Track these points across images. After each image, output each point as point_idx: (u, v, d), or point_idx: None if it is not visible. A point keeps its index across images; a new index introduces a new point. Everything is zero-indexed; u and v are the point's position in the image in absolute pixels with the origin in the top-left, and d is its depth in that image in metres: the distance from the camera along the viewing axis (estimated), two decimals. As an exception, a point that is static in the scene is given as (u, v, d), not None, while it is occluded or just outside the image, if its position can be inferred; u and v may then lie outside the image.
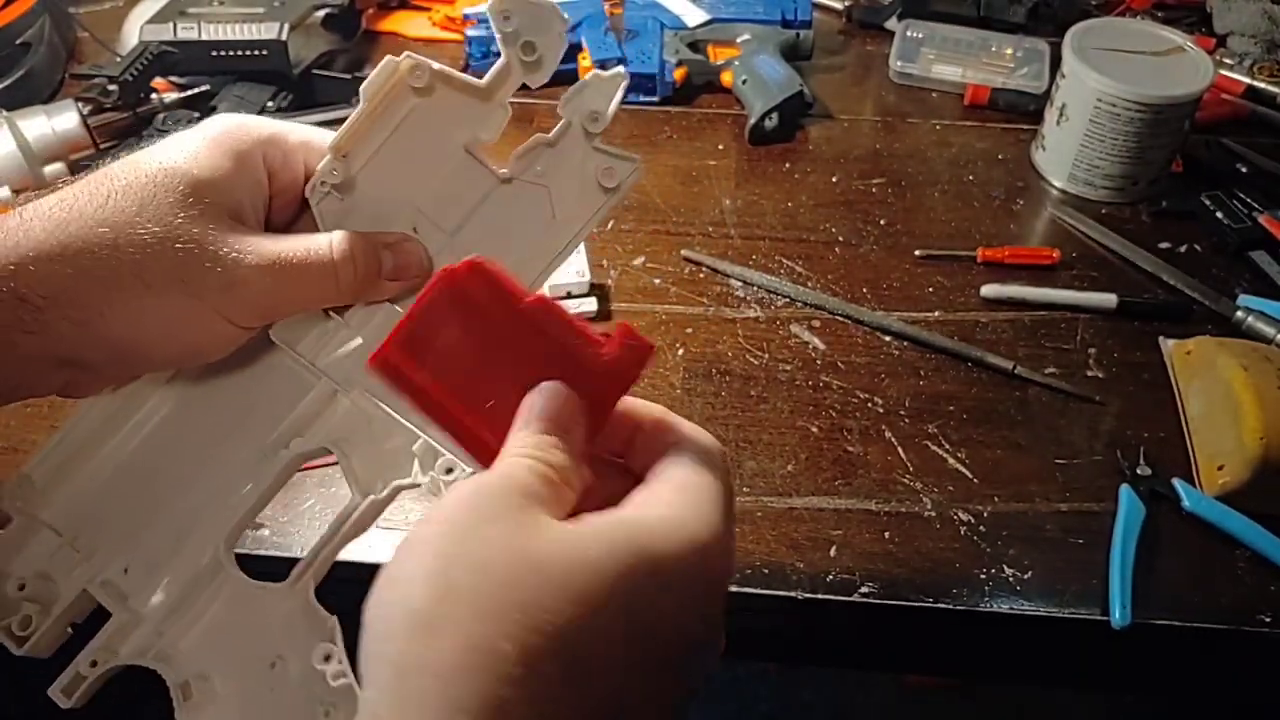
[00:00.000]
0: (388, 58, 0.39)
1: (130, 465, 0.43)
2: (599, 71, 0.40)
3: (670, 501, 0.31)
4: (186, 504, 0.42)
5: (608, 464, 0.35)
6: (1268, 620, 0.61)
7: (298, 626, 0.41)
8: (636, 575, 0.28)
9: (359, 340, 0.41)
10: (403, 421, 0.41)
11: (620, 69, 0.40)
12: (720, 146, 0.95)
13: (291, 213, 0.42)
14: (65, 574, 0.42)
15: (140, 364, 0.40)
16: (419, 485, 0.40)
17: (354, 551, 0.63)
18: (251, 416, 0.42)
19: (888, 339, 0.77)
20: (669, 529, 0.30)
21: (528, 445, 0.31)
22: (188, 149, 0.38)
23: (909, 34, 1.05)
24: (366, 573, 0.29)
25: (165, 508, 0.42)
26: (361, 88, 0.39)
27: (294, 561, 0.63)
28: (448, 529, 0.28)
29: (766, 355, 0.76)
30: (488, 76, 0.40)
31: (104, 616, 0.42)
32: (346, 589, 0.66)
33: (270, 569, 0.63)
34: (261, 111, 0.93)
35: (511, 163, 0.41)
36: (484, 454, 0.32)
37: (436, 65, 0.39)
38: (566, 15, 0.39)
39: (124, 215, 0.36)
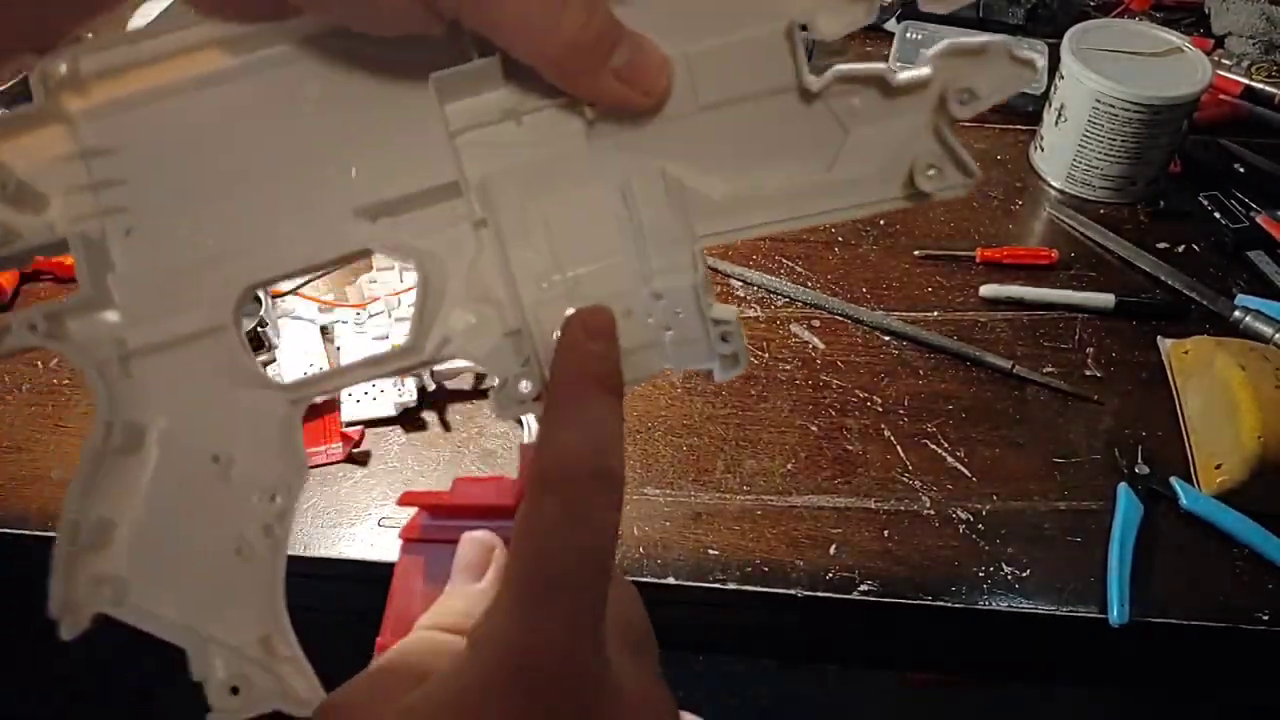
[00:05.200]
0: None
1: (200, 121, 0.31)
2: (1010, 44, 0.31)
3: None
4: (234, 216, 0.32)
5: None
6: (1265, 619, 0.61)
7: (267, 438, 0.31)
8: None
9: (525, 154, 0.31)
10: (519, 296, 0.31)
11: (1038, 58, 0.30)
12: (720, 146, 0.95)
13: None
14: (60, 192, 0.31)
15: None
16: (490, 387, 0.31)
17: (354, 549, 0.63)
18: (359, 158, 0.31)
19: (887, 338, 0.77)
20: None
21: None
22: None
23: (909, 35, 1.05)
24: (363, 570, 0.29)
25: (209, 207, 0.32)
26: None
27: (296, 560, 0.64)
28: None
29: (766, 355, 0.76)
30: None
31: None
32: (343, 586, 0.67)
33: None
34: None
35: (827, 77, 0.30)
36: None
37: None
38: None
39: None
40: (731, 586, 0.62)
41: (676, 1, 0.30)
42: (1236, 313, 0.78)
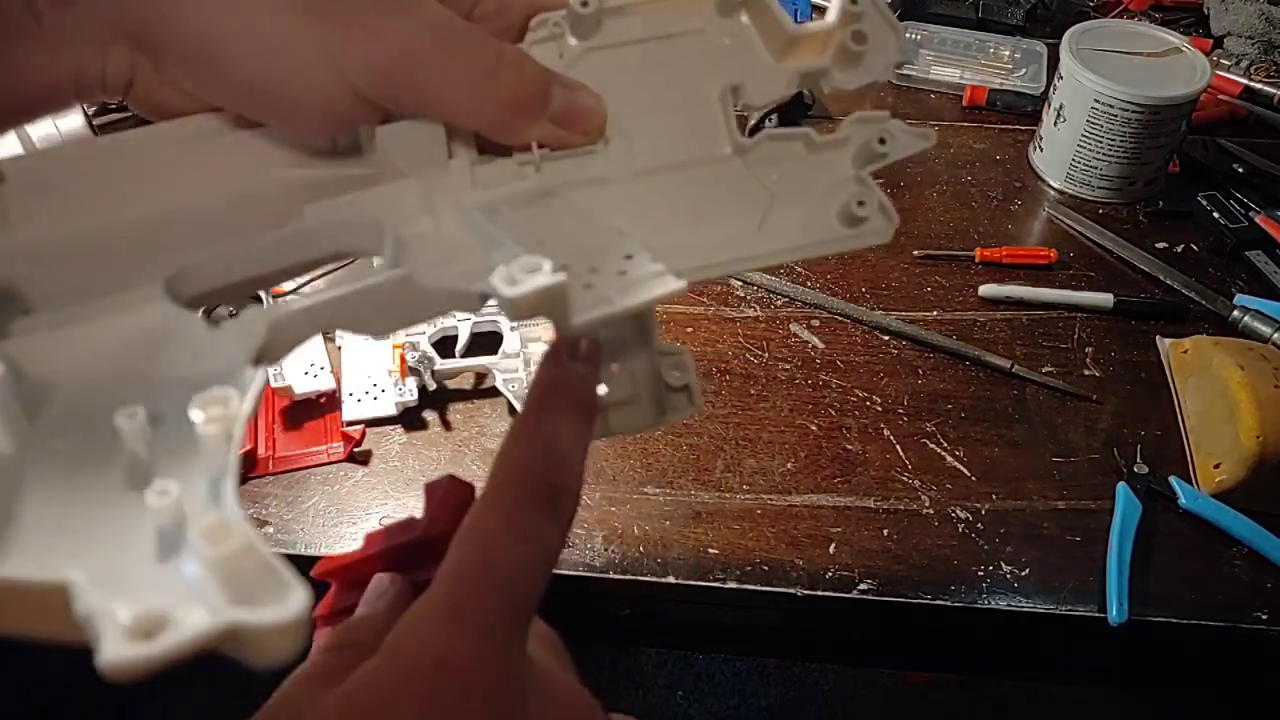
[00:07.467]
0: None
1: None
2: (907, 126, 0.33)
3: None
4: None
5: None
6: (1263, 617, 0.61)
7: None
8: None
9: (475, 198, 0.31)
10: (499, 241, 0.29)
11: (932, 134, 0.33)
12: (720, 147, 0.95)
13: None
14: None
15: (214, 82, 0.29)
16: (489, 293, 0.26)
17: (356, 548, 0.63)
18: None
19: (886, 338, 0.78)
20: None
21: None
22: None
23: (908, 36, 1.05)
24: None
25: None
26: None
27: (297, 560, 0.64)
28: None
29: (766, 354, 0.76)
30: (797, 30, 0.32)
31: None
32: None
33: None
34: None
35: (759, 138, 0.33)
36: None
37: None
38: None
39: None
40: (731, 586, 0.62)
41: (618, 74, 0.32)
42: (1235, 312, 0.78)
